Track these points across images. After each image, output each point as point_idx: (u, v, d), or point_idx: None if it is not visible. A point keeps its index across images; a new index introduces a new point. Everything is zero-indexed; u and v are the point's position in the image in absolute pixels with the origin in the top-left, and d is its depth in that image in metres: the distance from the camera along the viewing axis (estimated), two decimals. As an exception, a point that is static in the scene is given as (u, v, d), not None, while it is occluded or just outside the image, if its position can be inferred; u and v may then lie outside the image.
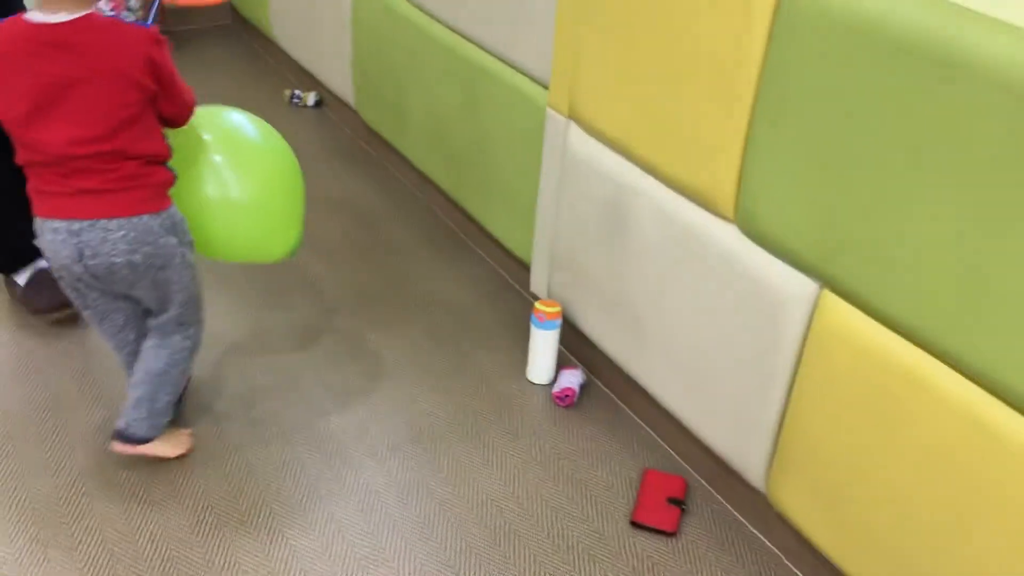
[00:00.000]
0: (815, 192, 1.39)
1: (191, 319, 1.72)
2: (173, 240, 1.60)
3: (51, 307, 2.12)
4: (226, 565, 1.61)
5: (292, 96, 3.30)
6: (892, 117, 1.25)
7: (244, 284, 2.35)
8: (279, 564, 1.62)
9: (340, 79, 3.05)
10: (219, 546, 1.65)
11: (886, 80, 1.24)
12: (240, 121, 1.81)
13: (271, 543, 1.66)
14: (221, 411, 1.95)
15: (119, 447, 1.71)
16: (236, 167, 1.74)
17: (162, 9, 2.15)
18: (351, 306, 2.32)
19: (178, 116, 1.62)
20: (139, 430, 1.70)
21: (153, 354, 1.70)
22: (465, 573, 1.63)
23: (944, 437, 1.29)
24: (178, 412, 1.85)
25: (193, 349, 1.76)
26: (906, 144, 1.24)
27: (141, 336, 1.73)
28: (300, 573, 1.61)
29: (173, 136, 1.63)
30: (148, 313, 1.71)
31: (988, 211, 1.17)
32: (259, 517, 1.71)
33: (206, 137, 1.72)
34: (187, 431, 1.85)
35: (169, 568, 1.60)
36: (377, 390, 2.04)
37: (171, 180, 1.60)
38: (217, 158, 1.72)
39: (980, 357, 1.22)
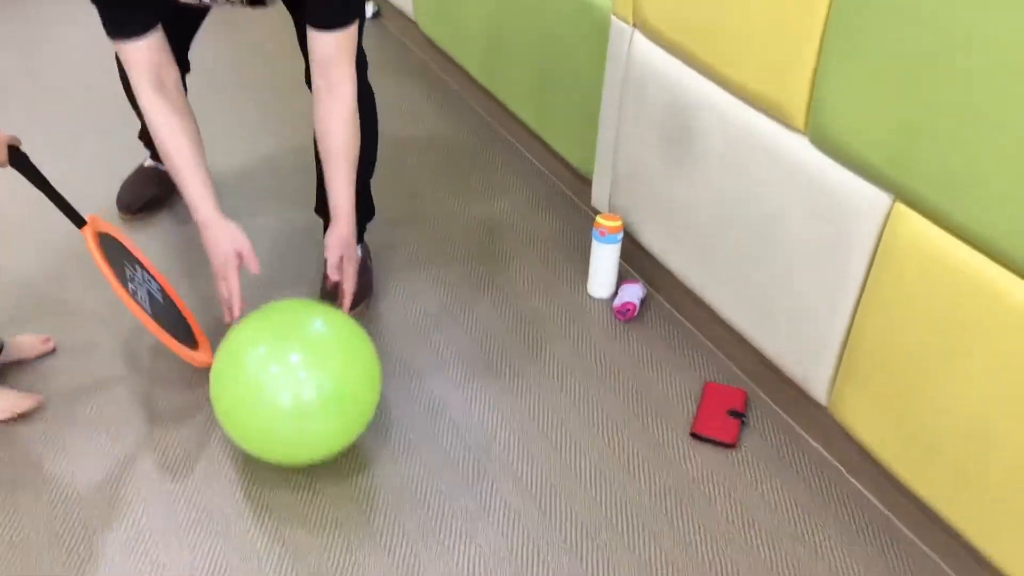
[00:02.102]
0: (892, 102, 1.34)
1: None
2: None
3: (127, 207, 2.27)
4: (306, 486, 1.67)
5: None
6: (976, 19, 1.19)
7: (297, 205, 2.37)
8: (355, 480, 1.67)
9: (398, -10, 3.01)
10: (303, 471, 1.70)
11: (974, -20, 1.19)
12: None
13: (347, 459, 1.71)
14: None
15: None
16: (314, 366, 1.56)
17: None
18: (407, 221, 2.33)
19: None
20: None
21: None
22: (528, 480, 1.66)
23: (1017, 349, 1.26)
24: None
25: None
26: (991, 47, 1.19)
27: None
28: (371, 478, 1.66)
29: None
30: None
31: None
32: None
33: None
34: (25, 396, 1.76)
35: (268, 508, 1.67)
36: (437, 302, 2.07)
37: None
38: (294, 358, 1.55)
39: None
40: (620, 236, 2.02)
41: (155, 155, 2.32)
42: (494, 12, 2.46)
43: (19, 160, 1.61)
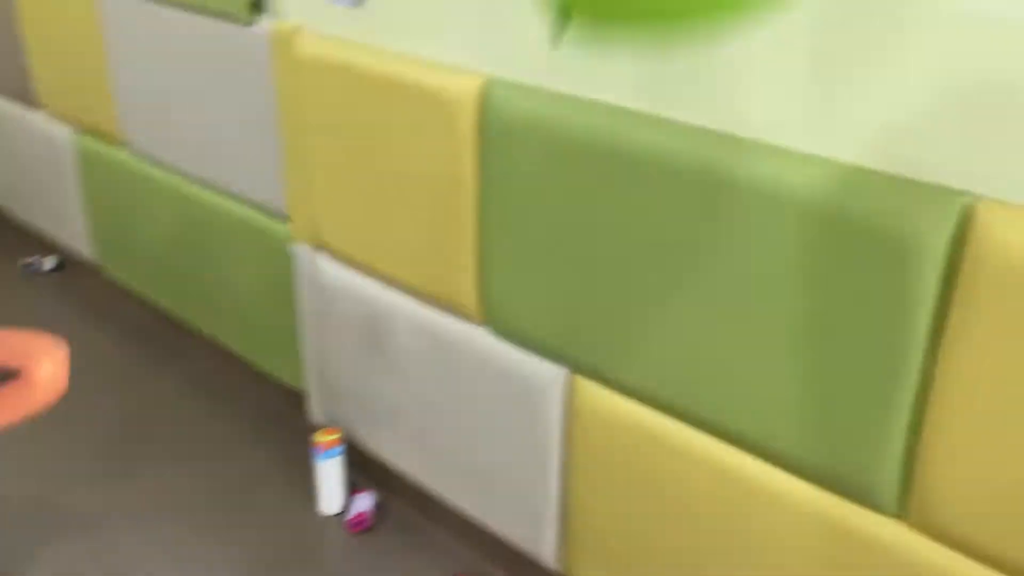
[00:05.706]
0: (551, 287, 1.49)
1: None
2: None
3: None
4: None
5: (27, 264, 3.12)
6: (593, 212, 1.38)
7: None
8: None
9: (78, 239, 2.93)
10: None
11: (584, 181, 1.37)
12: None
13: None
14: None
15: None
16: None
17: None
18: (117, 464, 2.19)
19: None
20: None
21: None
22: None
23: (697, 489, 1.40)
24: None
25: None
26: (619, 235, 1.37)
27: None
28: None
29: None
30: None
31: (704, 286, 1.31)
32: None
33: None
34: None
35: None
36: (160, 550, 1.94)
37: None
38: None
39: (716, 412, 1.35)
40: (340, 449, 2.02)
41: None
42: (177, 249, 2.46)
43: None
